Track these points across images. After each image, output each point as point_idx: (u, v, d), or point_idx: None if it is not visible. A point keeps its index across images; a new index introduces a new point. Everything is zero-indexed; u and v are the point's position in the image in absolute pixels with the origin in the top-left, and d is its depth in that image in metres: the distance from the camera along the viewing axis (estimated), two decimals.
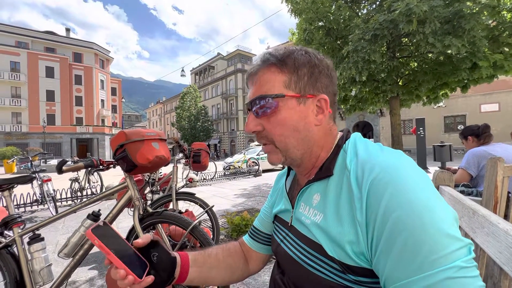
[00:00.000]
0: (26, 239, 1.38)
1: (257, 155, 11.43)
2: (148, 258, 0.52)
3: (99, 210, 1.41)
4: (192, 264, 0.61)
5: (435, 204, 0.37)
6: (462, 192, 2.12)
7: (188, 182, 2.95)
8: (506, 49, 5.78)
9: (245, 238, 0.74)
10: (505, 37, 5.72)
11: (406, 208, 0.36)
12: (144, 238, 0.53)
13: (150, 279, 0.49)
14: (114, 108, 41.24)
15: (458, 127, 18.29)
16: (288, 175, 0.66)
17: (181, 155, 2.47)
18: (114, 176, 8.07)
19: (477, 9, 5.36)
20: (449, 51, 5.61)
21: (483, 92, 16.61)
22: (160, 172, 3.08)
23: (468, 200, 0.75)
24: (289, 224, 0.57)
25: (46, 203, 4.25)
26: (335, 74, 0.54)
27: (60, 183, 6.49)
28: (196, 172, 7.98)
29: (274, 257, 0.64)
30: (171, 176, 2.27)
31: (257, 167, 10.15)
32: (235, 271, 0.68)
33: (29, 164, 4.52)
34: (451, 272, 0.32)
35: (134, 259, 0.49)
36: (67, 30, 39.94)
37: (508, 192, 1.67)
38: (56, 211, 4.13)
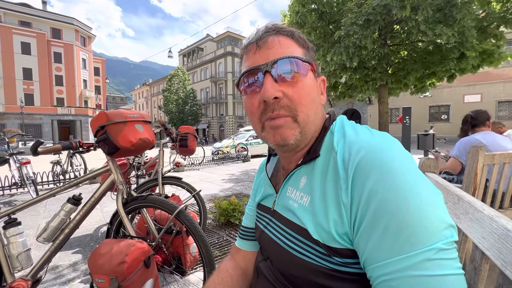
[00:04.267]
0: (1, 223, 1.32)
1: (246, 140, 11.41)
2: None
3: (80, 194, 1.36)
4: None
5: (421, 186, 0.36)
6: (443, 179, 2.20)
7: (175, 167, 2.91)
8: (493, 40, 5.89)
9: (237, 243, 0.71)
10: (492, 28, 5.81)
11: (391, 190, 0.36)
12: None
13: None
14: (97, 89, 39.49)
15: (442, 117, 18.88)
16: (268, 161, 0.64)
17: (167, 138, 2.41)
18: (99, 160, 7.88)
19: None
20: (439, 40, 5.65)
21: (467, 83, 17.07)
22: (146, 156, 3.01)
23: (453, 187, 0.76)
24: (272, 209, 0.56)
25: (26, 187, 4.10)
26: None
27: (41, 166, 6.26)
28: (184, 157, 7.89)
29: (259, 242, 0.62)
30: (157, 160, 2.22)
31: (245, 152, 10.16)
32: None
33: (5, 146, 4.29)
34: (430, 254, 0.33)
35: None
36: (44, 2, 37.08)
37: (486, 180, 1.74)
38: (37, 195, 4.00)
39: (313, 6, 7.19)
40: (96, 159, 7.70)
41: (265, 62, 0.47)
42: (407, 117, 8.90)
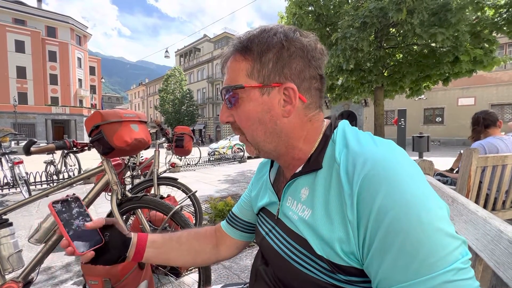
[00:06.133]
0: None
1: None
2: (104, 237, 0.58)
3: (74, 194, 1.33)
4: (149, 245, 0.63)
5: (431, 201, 0.35)
6: (437, 181, 2.20)
7: (170, 167, 2.89)
8: (486, 45, 5.98)
9: (222, 223, 0.73)
10: (486, 34, 5.91)
11: (403, 207, 0.34)
12: (95, 222, 0.58)
13: (90, 254, 0.54)
14: (93, 89, 39.15)
15: (436, 119, 19.11)
16: (271, 166, 0.63)
17: (163, 139, 2.39)
18: (95, 160, 7.78)
19: (462, 3, 5.45)
20: (434, 44, 5.73)
21: (461, 86, 17.31)
22: (142, 156, 2.98)
23: (447, 188, 0.77)
24: (276, 217, 0.55)
25: (19, 187, 4.03)
26: (318, 55, 0.48)
27: (35, 166, 6.17)
28: (180, 157, 7.85)
29: (259, 247, 0.62)
30: (153, 161, 2.20)
31: (242, 153, 10.15)
32: (199, 255, 0.68)
33: None
34: (450, 275, 0.31)
35: (88, 234, 0.55)
36: (39, 0, 36.65)
37: (480, 182, 1.77)
38: (30, 195, 3.93)
39: (310, 8, 7.24)
40: (92, 159, 7.61)
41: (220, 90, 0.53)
42: (402, 119, 8.98)
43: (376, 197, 0.35)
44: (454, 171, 2.48)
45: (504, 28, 5.66)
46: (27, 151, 1.19)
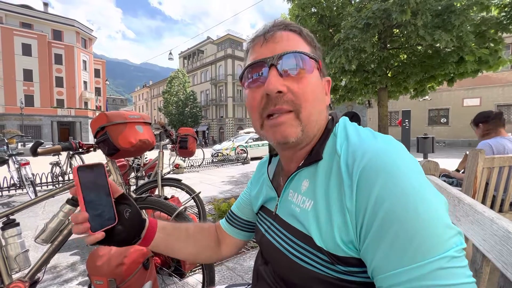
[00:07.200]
0: None
1: (245, 142, 11.41)
2: (120, 213, 0.52)
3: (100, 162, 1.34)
4: (159, 230, 0.60)
5: (428, 192, 0.35)
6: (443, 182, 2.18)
7: (174, 168, 2.90)
8: (492, 45, 5.90)
9: (222, 222, 0.74)
10: (491, 33, 5.83)
11: (400, 197, 0.34)
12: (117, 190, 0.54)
13: (100, 235, 0.48)
14: (98, 91, 39.57)
15: (441, 120, 18.91)
16: (269, 162, 0.63)
17: (167, 140, 2.41)
18: (100, 161, 7.84)
19: (467, 4, 5.40)
20: (438, 45, 5.68)
21: (466, 87, 17.12)
22: (146, 157, 3.00)
23: (453, 189, 0.76)
24: (274, 213, 0.55)
25: (25, 188, 4.08)
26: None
27: (41, 167, 6.24)
28: (183, 159, 7.88)
29: (258, 246, 0.62)
30: (157, 162, 2.21)
31: (245, 154, 10.16)
32: (203, 250, 0.68)
33: (4, 147, 4.29)
34: (443, 262, 0.32)
35: (105, 210, 0.49)
36: (45, 4, 37.26)
37: (486, 183, 1.74)
38: (36, 196, 3.98)
39: (313, 9, 7.25)
40: (97, 160, 7.69)
41: (271, 56, 0.45)
42: (406, 120, 8.91)
43: (374, 187, 0.36)
44: (461, 172, 2.45)
45: (510, 27, 5.58)
46: (34, 152, 1.21)
